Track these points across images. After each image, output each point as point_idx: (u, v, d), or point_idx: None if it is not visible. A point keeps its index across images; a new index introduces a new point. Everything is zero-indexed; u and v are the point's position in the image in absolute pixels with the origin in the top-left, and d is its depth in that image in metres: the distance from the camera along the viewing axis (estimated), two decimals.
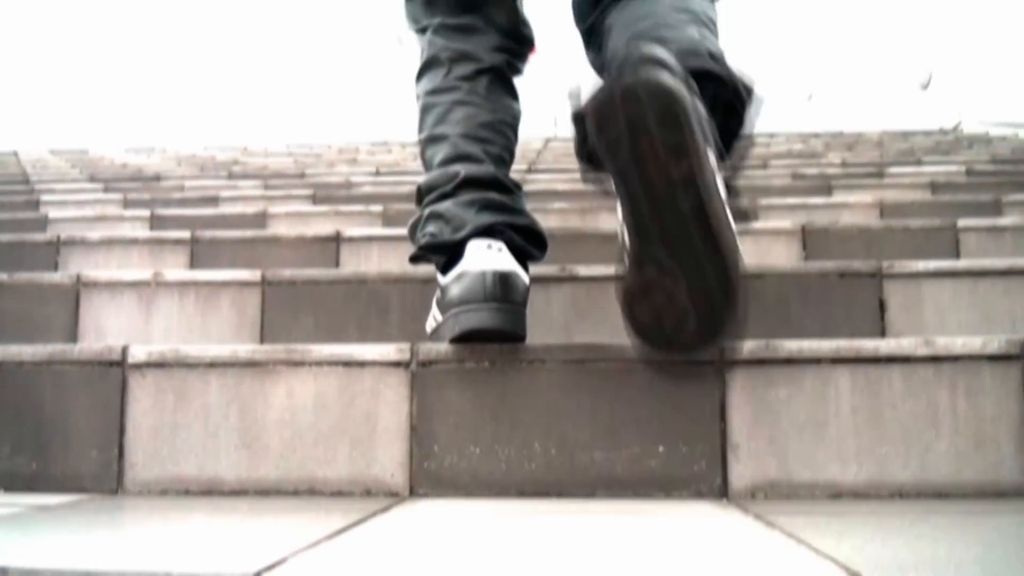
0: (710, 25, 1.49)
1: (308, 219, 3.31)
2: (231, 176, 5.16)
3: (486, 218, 1.51)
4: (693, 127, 1.14)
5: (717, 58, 1.37)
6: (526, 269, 1.54)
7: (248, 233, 2.79)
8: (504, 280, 1.45)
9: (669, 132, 1.14)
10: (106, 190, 4.61)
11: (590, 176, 1.32)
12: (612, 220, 1.47)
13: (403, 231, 2.51)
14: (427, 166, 1.63)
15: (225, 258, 2.63)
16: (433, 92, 1.66)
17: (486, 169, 1.56)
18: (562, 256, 2.27)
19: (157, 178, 5.16)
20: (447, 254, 1.52)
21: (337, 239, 2.63)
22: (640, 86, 1.14)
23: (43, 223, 3.42)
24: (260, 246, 2.67)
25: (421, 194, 1.62)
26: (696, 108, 1.17)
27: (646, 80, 1.15)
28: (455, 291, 1.46)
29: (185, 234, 2.73)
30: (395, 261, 2.58)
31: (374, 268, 2.47)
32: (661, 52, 1.19)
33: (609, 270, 2.01)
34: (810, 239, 2.50)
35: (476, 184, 1.54)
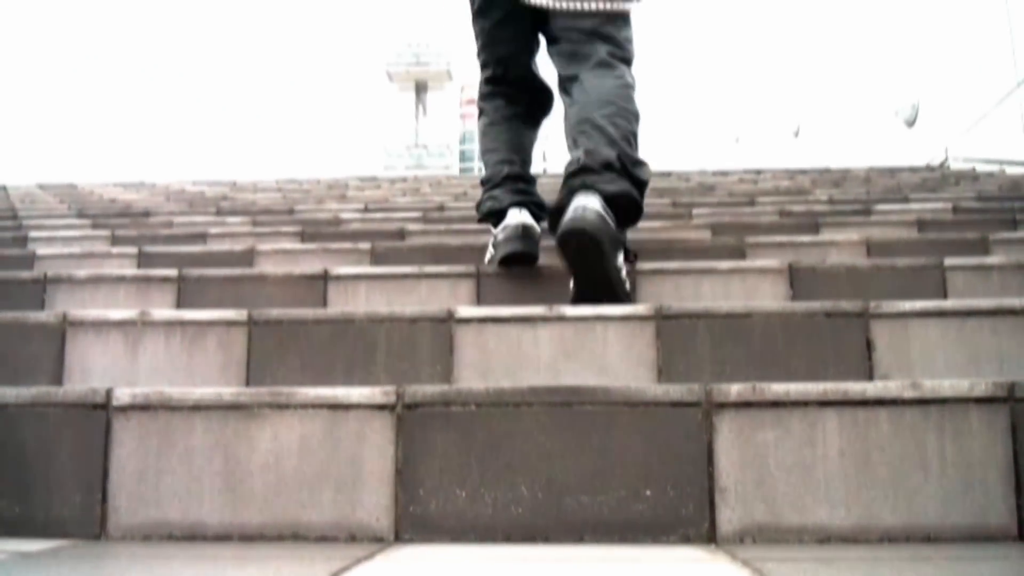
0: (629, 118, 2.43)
1: (296, 257, 3.29)
2: (219, 212, 5.15)
3: (517, 197, 2.67)
4: (605, 249, 2.17)
5: (627, 164, 2.32)
6: (539, 222, 2.62)
7: (235, 271, 2.78)
8: (527, 228, 2.57)
9: (594, 253, 2.17)
10: (94, 226, 4.59)
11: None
12: None
13: (391, 269, 2.57)
14: (486, 165, 2.80)
15: (212, 296, 2.62)
16: (488, 125, 2.88)
17: (518, 169, 2.74)
18: (550, 294, 2.26)
19: (146, 214, 5.15)
20: (499, 216, 2.64)
21: (325, 277, 2.63)
22: (576, 235, 2.16)
23: (30, 260, 3.40)
24: (247, 284, 2.66)
25: (483, 183, 2.78)
26: (608, 232, 2.17)
27: (580, 230, 2.15)
28: (501, 235, 2.57)
29: (172, 272, 2.72)
30: (382, 300, 2.58)
31: (362, 307, 2.46)
32: (591, 211, 2.16)
33: (598, 311, 2.02)
34: (797, 278, 2.50)
35: (513, 179, 2.71)
